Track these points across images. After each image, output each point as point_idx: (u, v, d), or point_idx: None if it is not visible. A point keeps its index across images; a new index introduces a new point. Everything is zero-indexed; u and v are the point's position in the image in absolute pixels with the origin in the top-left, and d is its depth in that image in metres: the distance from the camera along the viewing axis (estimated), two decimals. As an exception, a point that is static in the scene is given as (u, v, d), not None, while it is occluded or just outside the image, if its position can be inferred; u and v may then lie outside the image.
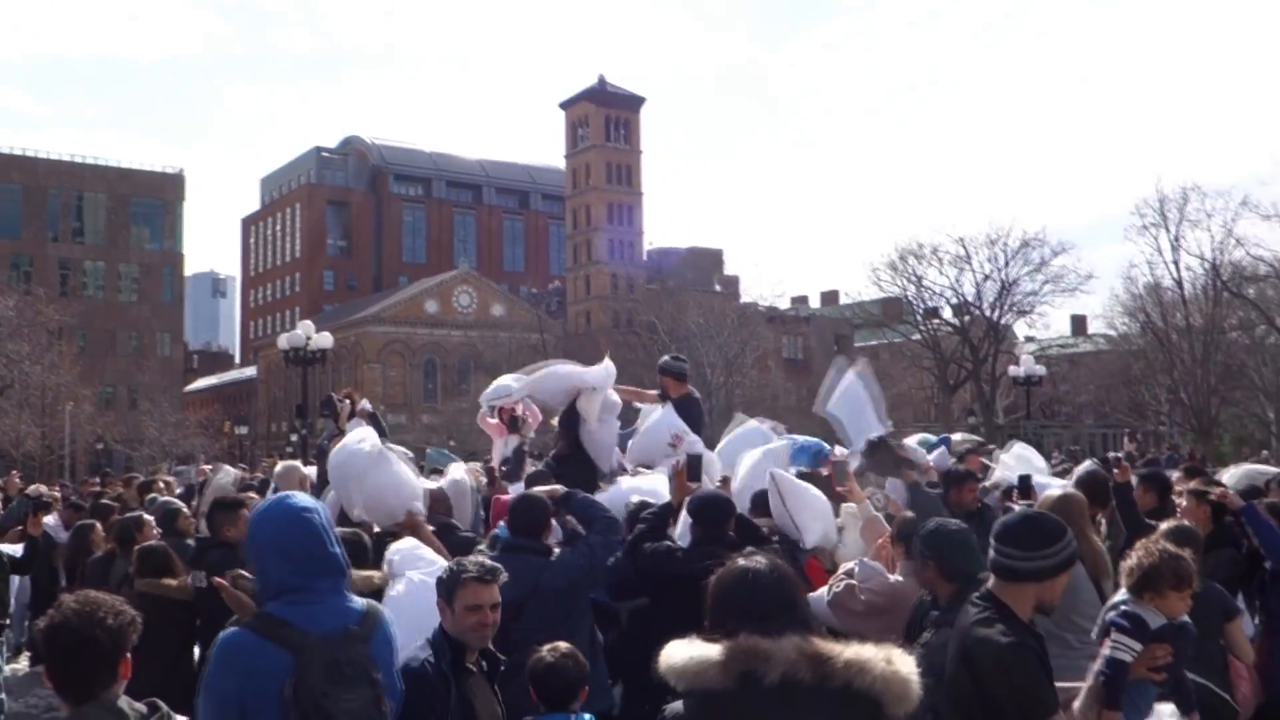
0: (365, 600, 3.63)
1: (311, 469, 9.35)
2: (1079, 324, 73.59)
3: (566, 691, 4.30)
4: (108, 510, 9.80)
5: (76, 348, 61.65)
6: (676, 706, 2.80)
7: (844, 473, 7.58)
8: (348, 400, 9.52)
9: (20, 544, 9.60)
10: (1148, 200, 48.00)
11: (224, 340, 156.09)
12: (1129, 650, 3.98)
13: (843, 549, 6.83)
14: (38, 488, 14.84)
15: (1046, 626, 4.06)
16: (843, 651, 2.70)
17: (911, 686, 2.69)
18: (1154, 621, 4.10)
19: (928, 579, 4.39)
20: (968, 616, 3.73)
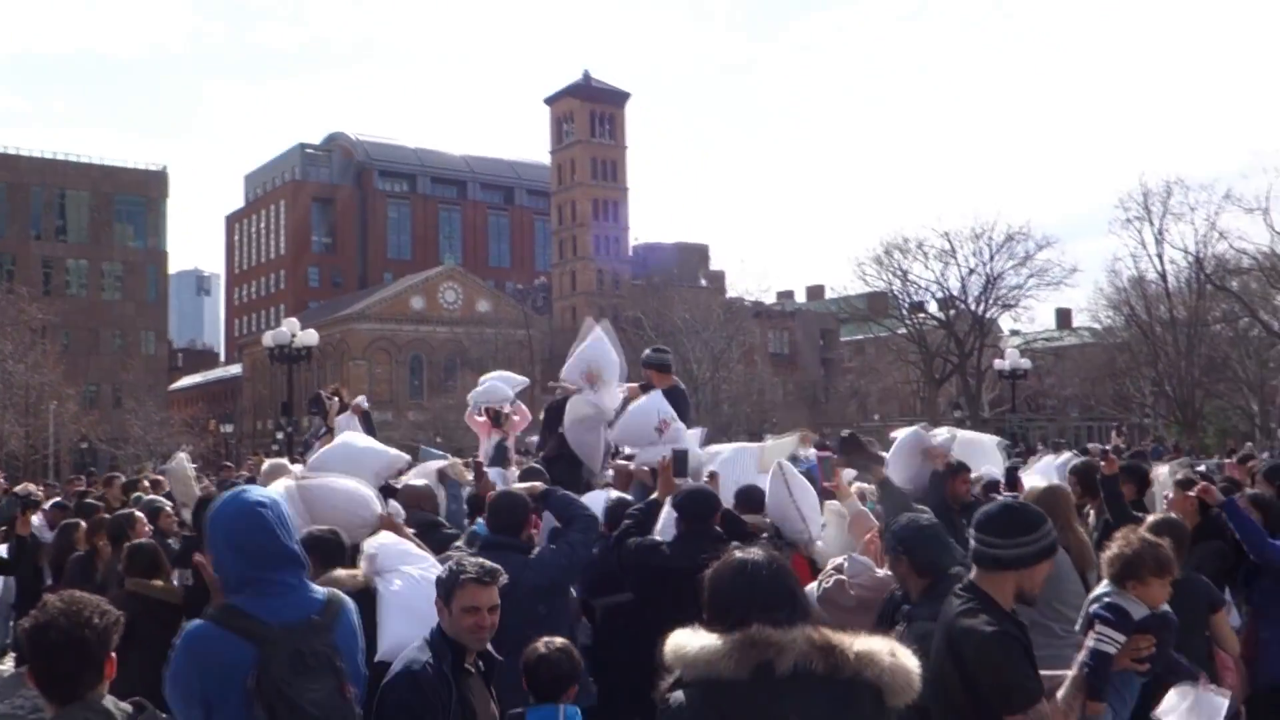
0: (327, 590, 3.63)
1: (299, 467, 9.31)
2: (1064, 317, 73.96)
3: (556, 684, 4.31)
4: (92, 510, 9.75)
5: (60, 346, 61.27)
6: (679, 696, 2.77)
7: (830, 468, 7.59)
8: (336, 398, 9.49)
9: (3, 544, 9.56)
10: (1131, 194, 48.46)
11: (208, 338, 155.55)
12: (1112, 642, 4.00)
13: (822, 545, 6.86)
14: (26, 486, 14.73)
15: (1031, 616, 4.09)
16: (853, 643, 2.75)
17: (913, 679, 2.74)
18: (1137, 612, 4.14)
19: (900, 573, 4.44)
20: (951, 608, 3.76)
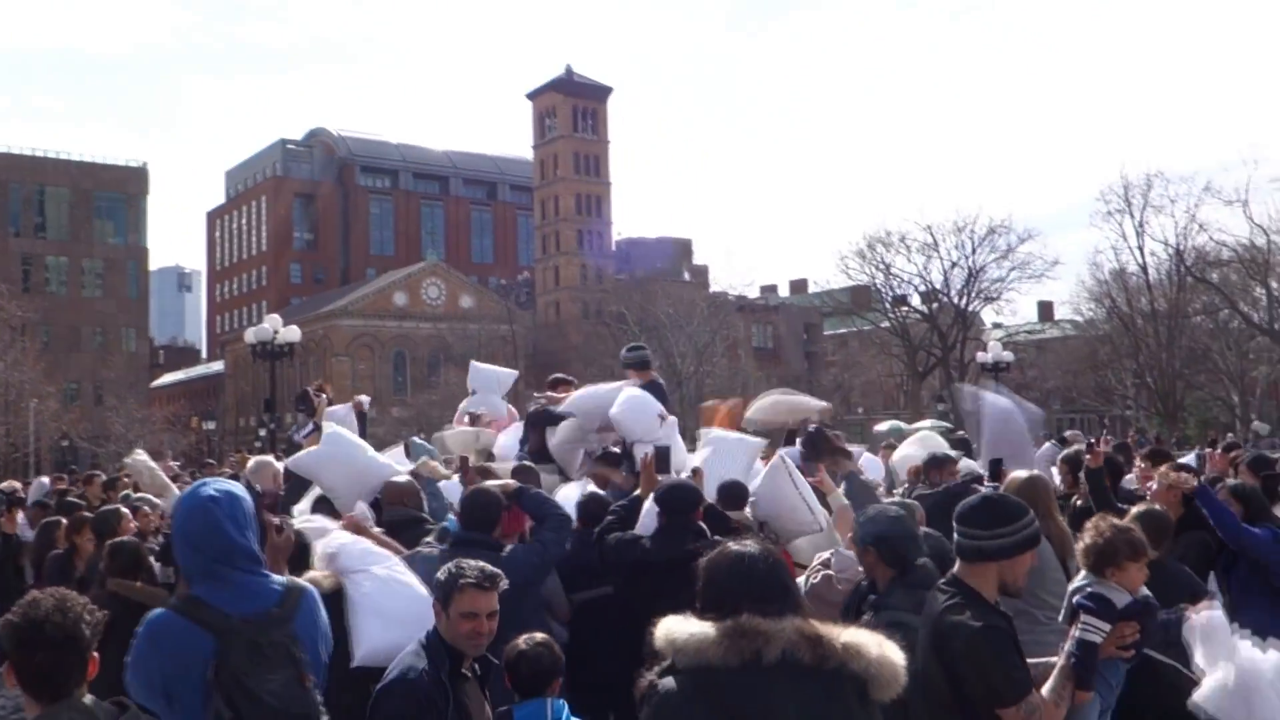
0: (287, 579, 3.70)
1: (282, 465, 9.27)
2: (1046, 310, 74.22)
3: (538, 679, 4.29)
4: (74, 508, 9.68)
5: (40, 344, 60.86)
6: (669, 682, 2.80)
7: (814, 464, 7.58)
8: (323, 394, 9.46)
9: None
10: (1112, 187, 48.79)
11: (190, 335, 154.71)
12: (1098, 631, 4.03)
13: (801, 542, 6.88)
14: (11, 484, 14.61)
15: (1014, 604, 4.12)
16: (841, 634, 2.77)
17: (899, 673, 2.77)
18: (1120, 600, 4.16)
19: (868, 564, 4.50)
20: (937, 603, 3.79)
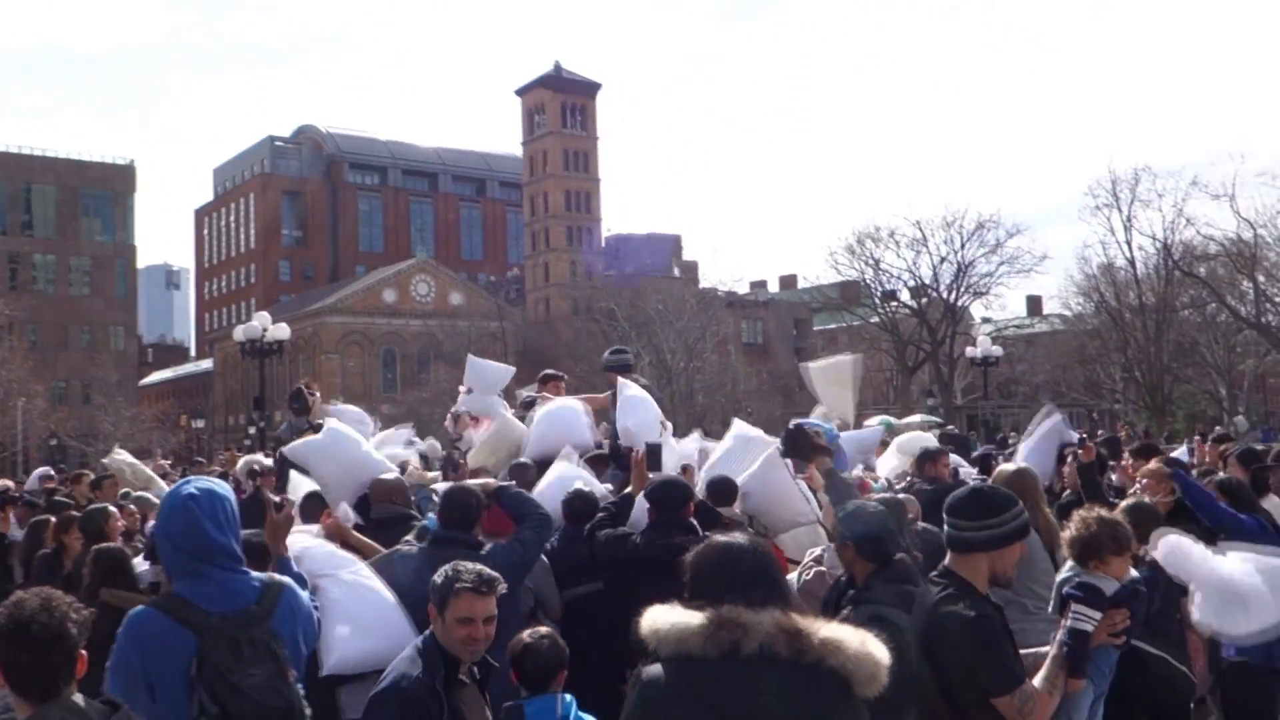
0: (266, 575, 3.76)
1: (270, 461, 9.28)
2: (1034, 304, 74.42)
3: (544, 673, 4.28)
4: (62, 507, 9.65)
5: (28, 342, 60.70)
6: (651, 670, 2.82)
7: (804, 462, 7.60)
8: (317, 393, 9.48)
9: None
10: (1100, 181, 48.72)
11: (178, 333, 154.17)
12: (1089, 620, 4.08)
13: (788, 537, 6.90)
14: (3, 483, 14.54)
15: (1004, 593, 4.18)
16: (820, 629, 2.75)
17: (882, 669, 2.74)
18: (1109, 588, 4.23)
19: (846, 559, 4.52)
20: (930, 596, 3.85)
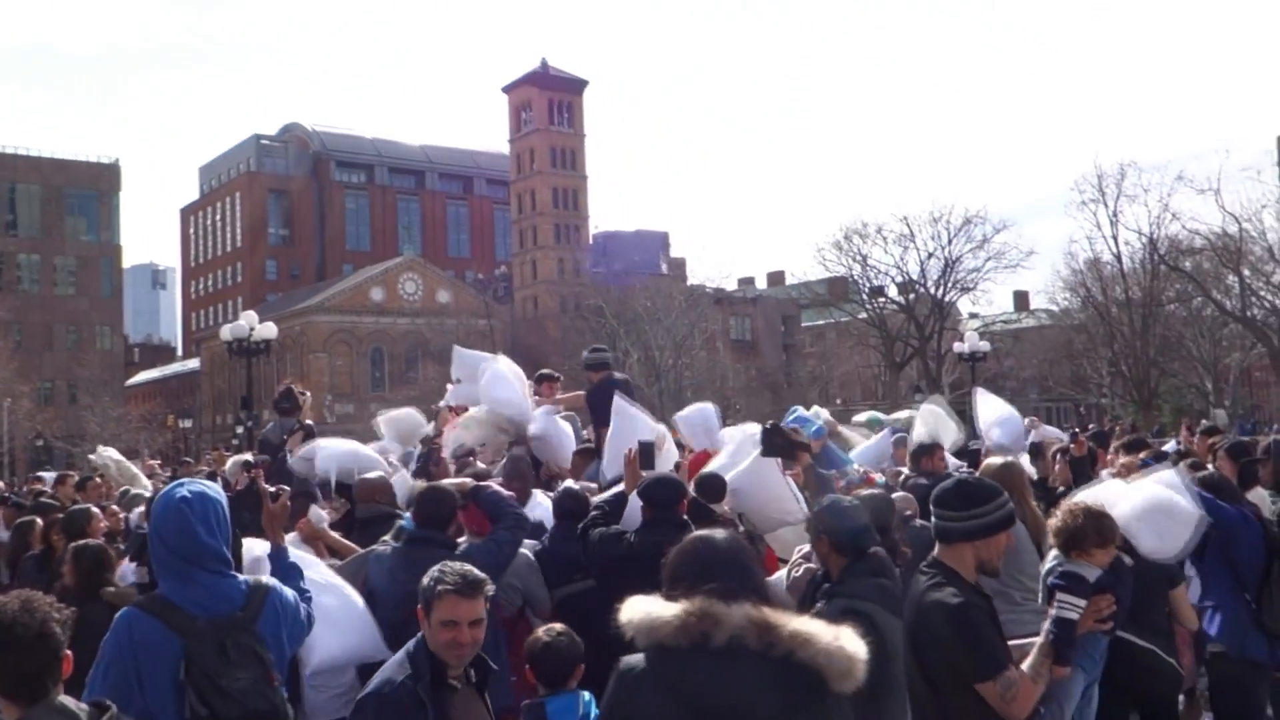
0: (252, 579, 3.80)
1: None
2: (1021, 300, 74.60)
3: (563, 670, 4.29)
4: (49, 508, 9.62)
5: (13, 343, 60.46)
6: (630, 660, 2.84)
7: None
8: (306, 393, 9.50)
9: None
10: (1086, 177, 49.22)
11: (165, 333, 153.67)
12: (1074, 608, 4.13)
13: (782, 534, 6.92)
14: None
15: (991, 584, 4.23)
16: (789, 622, 2.74)
17: (856, 664, 2.71)
18: (1092, 574, 4.28)
19: (821, 554, 4.54)
20: (919, 585, 3.91)
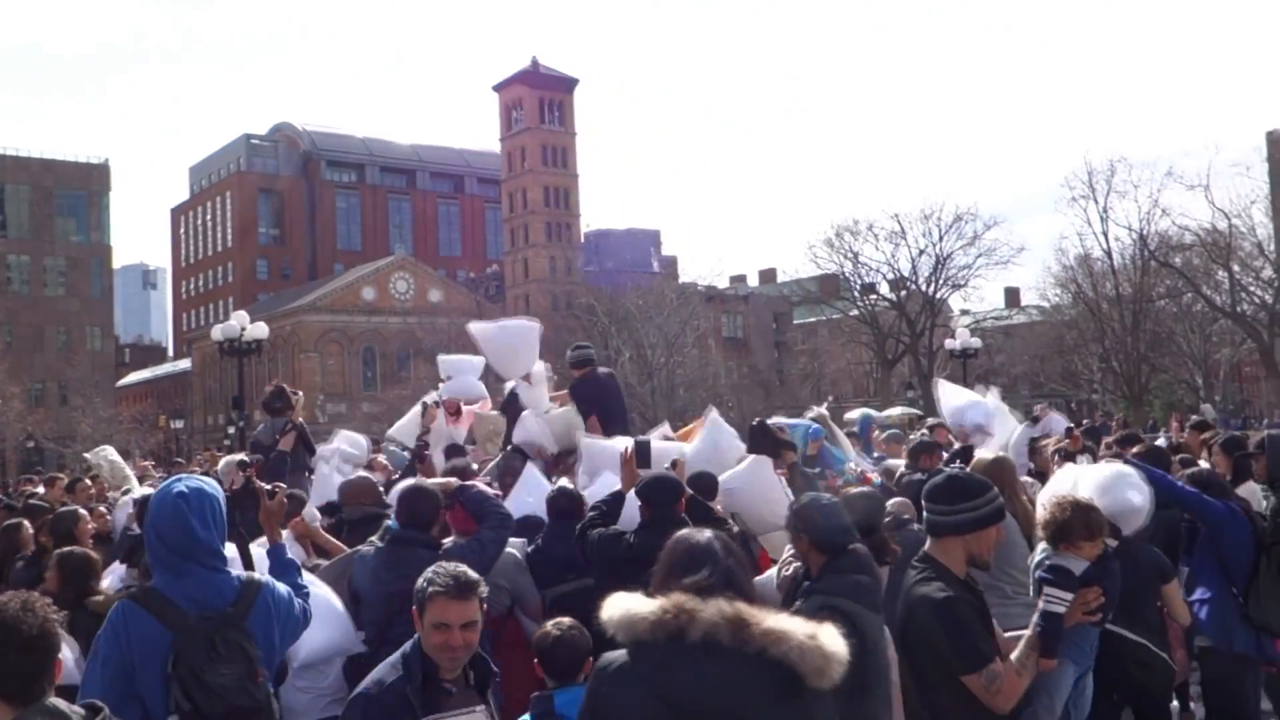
0: (245, 575, 3.86)
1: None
2: (1012, 296, 74.74)
3: (574, 663, 4.26)
4: (39, 510, 9.58)
5: (3, 344, 60.47)
6: (615, 654, 2.86)
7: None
8: (299, 393, 9.48)
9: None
10: (1076, 173, 49.08)
11: (156, 333, 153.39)
12: (1061, 602, 4.17)
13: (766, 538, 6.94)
14: None
15: (982, 578, 4.25)
16: (764, 619, 2.73)
17: (832, 662, 2.69)
18: (1078, 568, 4.33)
19: (801, 551, 4.55)
20: (909, 579, 3.96)
